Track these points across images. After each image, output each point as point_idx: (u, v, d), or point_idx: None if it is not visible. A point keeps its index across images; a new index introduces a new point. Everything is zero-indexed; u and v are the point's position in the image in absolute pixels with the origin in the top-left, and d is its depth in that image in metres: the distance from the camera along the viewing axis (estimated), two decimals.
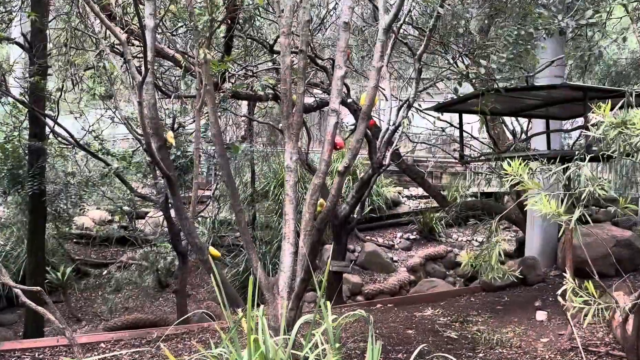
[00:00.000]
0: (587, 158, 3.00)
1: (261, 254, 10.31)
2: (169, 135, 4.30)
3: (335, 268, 7.30)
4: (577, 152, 2.96)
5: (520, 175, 2.98)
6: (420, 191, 14.06)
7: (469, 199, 12.51)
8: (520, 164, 3.17)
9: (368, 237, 12.00)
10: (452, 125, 9.40)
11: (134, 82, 3.61)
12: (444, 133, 10.23)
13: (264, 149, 12.00)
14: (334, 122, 3.66)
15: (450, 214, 9.11)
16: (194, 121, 6.94)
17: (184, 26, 5.43)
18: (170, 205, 5.91)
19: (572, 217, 2.80)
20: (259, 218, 11.42)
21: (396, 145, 7.09)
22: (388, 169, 13.34)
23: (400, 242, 12.16)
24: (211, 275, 2.91)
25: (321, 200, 3.59)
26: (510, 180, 2.99)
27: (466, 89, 8.40)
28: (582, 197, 2.83)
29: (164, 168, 4.28)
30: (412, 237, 12.36)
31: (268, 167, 12.07)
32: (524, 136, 8.37)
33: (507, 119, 9.14)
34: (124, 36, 3.85)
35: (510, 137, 8.77)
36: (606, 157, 3.01)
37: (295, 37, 6.37)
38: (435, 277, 10.44)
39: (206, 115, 5.86)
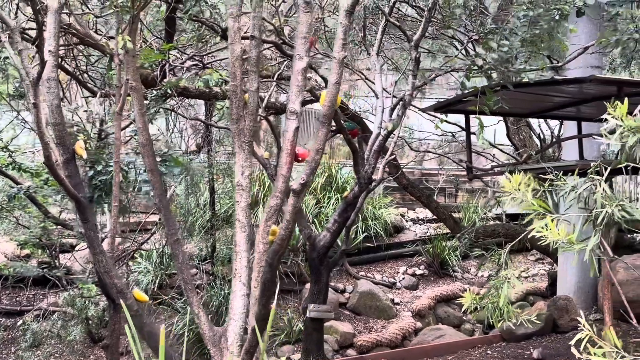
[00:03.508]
0: (607, 171, 3.05)
1: (223, 296, 10.24)
2: (79, 146, 4.31)
3: (314, 314, 7.23)
4: (592, 164, 3.01)
5: (523, 193, 3.02)
6: (429, 213, 14.13)
7: (492, 222, 12.60)
8: (528, 179, 3.22)
9: (362, 273, 11.99)
10: (463, 129, 9.51)
11: (28, 80, 3.63)
12: (454, 139, 10.36)
13: (227, 161, 11.99)
14: (294, 127, 3.70)
15: (464, 241, 9.16)
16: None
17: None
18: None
19: (586, 246, 2.84)
20: (220, 249, 11.36)
21: (392, 155, 7.15)
22: (389, 185, 13.40)
23: (403, 278, 12.16)
24: (125, 326, 2.90)
25: (273, 227, 3.62)
26: (510, 201, 3.03)
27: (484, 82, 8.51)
28: (599, 220, 2.88)
29: (70, 188, 4.27)
30: (418, 272, 12.37)
31: (232, 184, 12.03)
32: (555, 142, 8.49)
33: (534, 121, 9.25)
34: (14, 21, 3.87)
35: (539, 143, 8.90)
36: (631, 170, 3.06)
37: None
38: (448, 324, 10.44)
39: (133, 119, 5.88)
